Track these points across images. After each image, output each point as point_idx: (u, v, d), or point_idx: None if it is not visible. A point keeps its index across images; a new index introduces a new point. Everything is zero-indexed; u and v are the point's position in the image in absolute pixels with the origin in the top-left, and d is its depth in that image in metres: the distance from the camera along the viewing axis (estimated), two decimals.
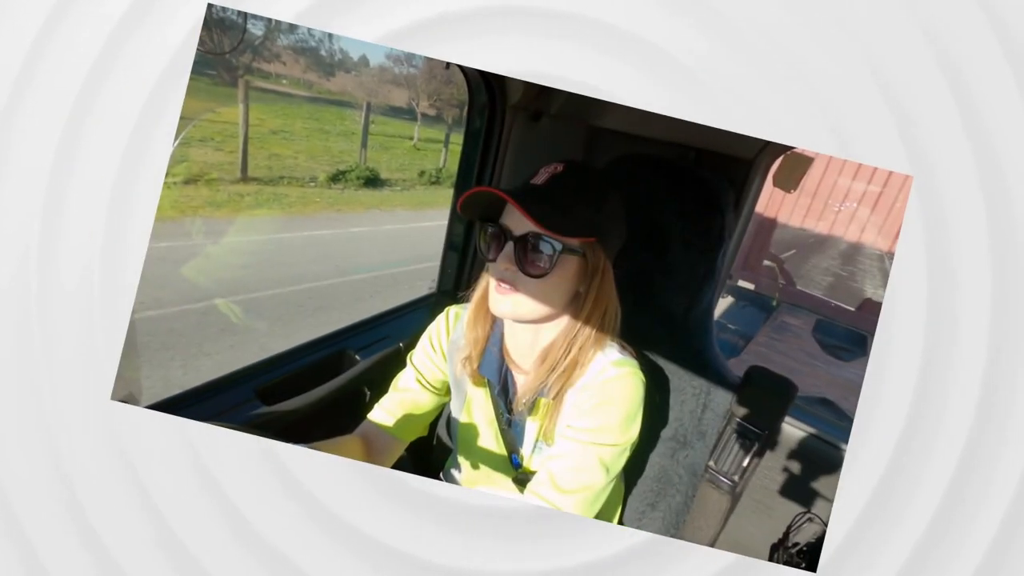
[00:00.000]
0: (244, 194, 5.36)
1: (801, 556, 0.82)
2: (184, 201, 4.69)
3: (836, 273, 7.53)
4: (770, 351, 3.52)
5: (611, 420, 0.64)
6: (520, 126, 1.05)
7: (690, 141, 1.05)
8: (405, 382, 0.77)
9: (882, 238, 7.84)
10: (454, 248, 1.16)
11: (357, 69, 14.10)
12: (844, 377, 3.26)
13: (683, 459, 0.83)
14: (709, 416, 0.82)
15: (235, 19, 0.61)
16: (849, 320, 4.30)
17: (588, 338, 0.66)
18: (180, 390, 0.75)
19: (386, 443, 0.74)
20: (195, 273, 3.32)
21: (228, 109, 6.21)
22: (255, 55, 10.17)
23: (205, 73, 6.34)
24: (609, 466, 0.64)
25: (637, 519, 0.86)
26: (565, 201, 0.62)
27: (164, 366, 2.37)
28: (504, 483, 0.75)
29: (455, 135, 9.29)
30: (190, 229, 4.18)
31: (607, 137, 1.17)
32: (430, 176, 7.95)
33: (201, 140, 6.07)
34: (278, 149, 6.99)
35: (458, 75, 1.03)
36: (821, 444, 1.15)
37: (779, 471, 1.19)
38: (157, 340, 2.52)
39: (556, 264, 0.61)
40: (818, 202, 7.56)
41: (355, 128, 8.01)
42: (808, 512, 0.88)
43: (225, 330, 2.75)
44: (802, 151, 1.20)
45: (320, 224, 5.04)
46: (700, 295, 0.86)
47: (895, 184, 6.81)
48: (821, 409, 2.32)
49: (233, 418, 0.75)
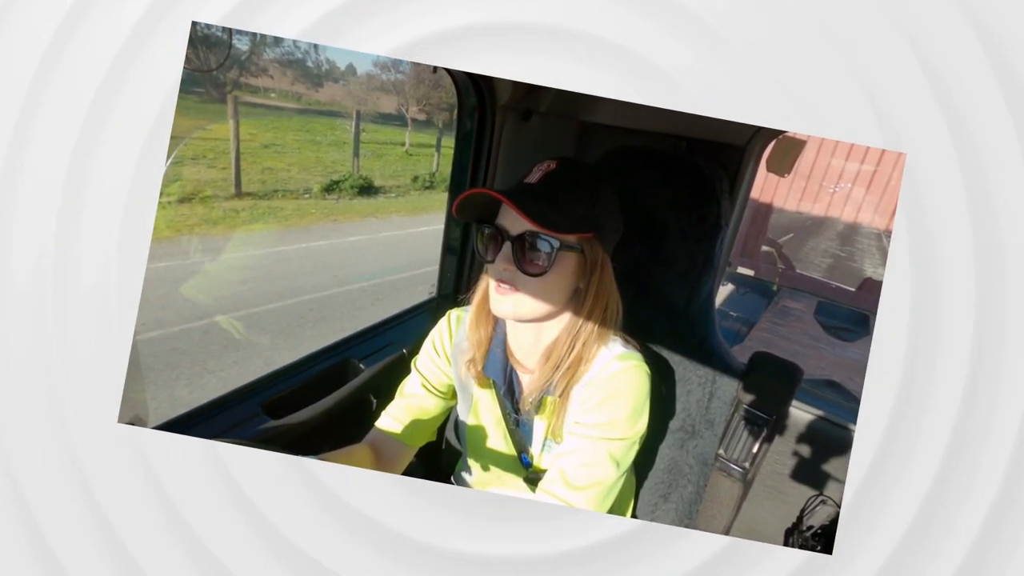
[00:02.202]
0: (239, 210, 5.36)
1: (816, 539, 0.82)
2: (180, 220, 4.69)
3: (835, 254, 7.52)
4: (773, 336, 3.52)
5: (619, 414, 0.64)
6: (511, 126, 1.05)
7: (681, 131, 1.05)
8: (411, 388, 0.77)
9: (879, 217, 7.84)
10: (452, 251, 1.16)
11: (345, 78, 14.11)
12: (849, 358, 3.26)
13: (693, 449, 0.83)
14: (716, 404, 0.82)
15: (220, 35, 0.61)
16: (850, 300, 4.30)
17: (591, 333, 0.66)
18: (187, 409, 0.75)
19: (395, 450, 0.74)
20: (195, 291, 3.32)
21: (218, 126, 6.21)
22: (242, 70, 10.18)
23: (193, 91, 6.35)
24: (619, 460, 0.64)
25: (650, 512, 0.86)
26: (560, 198, 0.62)
27: (169, 386, 2.37)
28: (515, 483, 0.75)
29: (446, 138, 9.28)
30: (187, 248, 4.17)
31: (598, 132, 1.17)
32: (424, 181, 7.95)
33: (193, 158, 6.06)
34: (271, 163, 6.99)
35: (446, 78, 1.03)
36: (830, 426, 1.15)
37: (789, 455, 1.19)
38: (161, 360, 2.52)
39: (555, 262, 0.61)
40: (813, 184, 7.55)
41: (346, 137, 8.01)
42: (821, 494, 0.88)
43: (228, 346, 2.75)
44: (794, 135, 1.20)
45: (317, 235, 5.04)
46: (700, 284, 0.86)
47: (888, 162, 6.80)
48: (828, 391, 2.32)
49: (241, 434, 0.75)
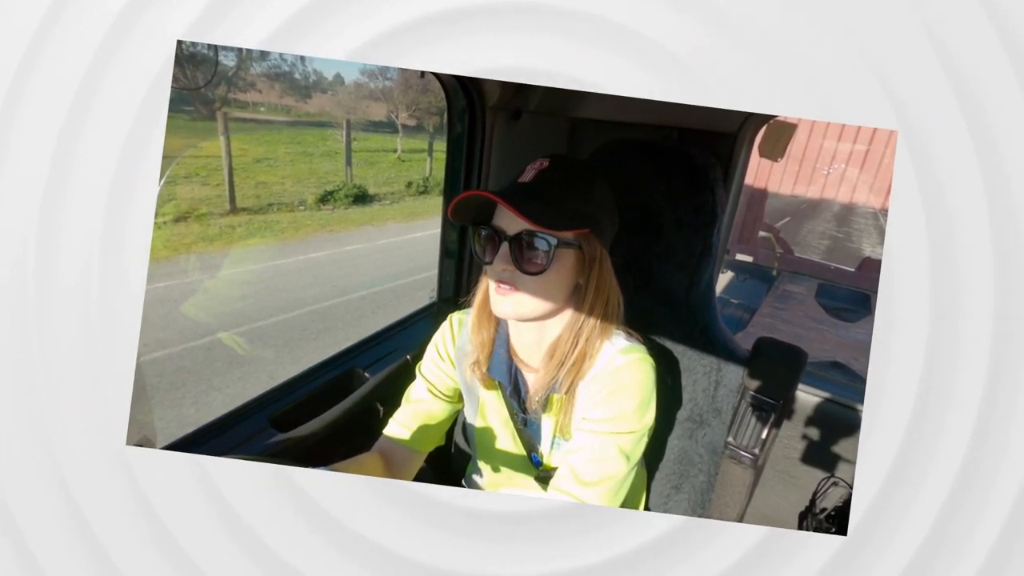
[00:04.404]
0: (235, 225, 5.36)
1: (830, 521, 0.82)
2: (176, 239, 4.69)
3: (832, 236, 7.52)
4: (776, 321, 3.52)
5: (626, 408, 0.64)
6: (501, 126, 1.05)
7: (671, 121, 1.05)
8: (417, 394, 0.77)
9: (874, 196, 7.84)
10: (450, 255, 1.16)
11: (333, 88, 14.10)
12: (852, 338, 3.26)
13: (702, 438, 0.83)
14: (723, 392, 0.82)
15: (206, 52, 0.61)
16: (850, 281, 4.29)
17: (593, 329, 0.66)
18: (194, 427, 0.75)
19: (405, 456, 0.74)
20: (196, 310, 3.32)
21: (209, 143, 6.21)
22: (230, 86, 10.17)
23: (182, 110, 6.34)
24: (629, 454, 0.64)
25: (663, 503, 0.86)
26: (554, 195, 0.62)
27: (176, 405, 2.37)
28: (526, 483, 0.75)
29: (438, 143, 9.28)
30: (186, 266, 4.17)
31: (589, 127, 1.17)
32: (418, 186, 7.95)
33: (186, 177, 6.06)
34: (264, 177, 6.99)
35: (434, 83, 1.03)
36: (837, 407, 1.15)
37: (799, 439, 1.19)
38: (166, 380, 2.52)
39: (553, 259, 0.61)
40: (806, 167, 7.55)
41: (338, 147, 8.01)
42: (832, 476, 0.88)
43: (232, 363, 2.75)
44: (784, 119, 1.20)
45: (314, 247, 5.04)
46: (699, 273, 0.86)
47: (881, 140, 6.79)
48: (833, 372, 2.32)
49: (250, 449, 0.75)
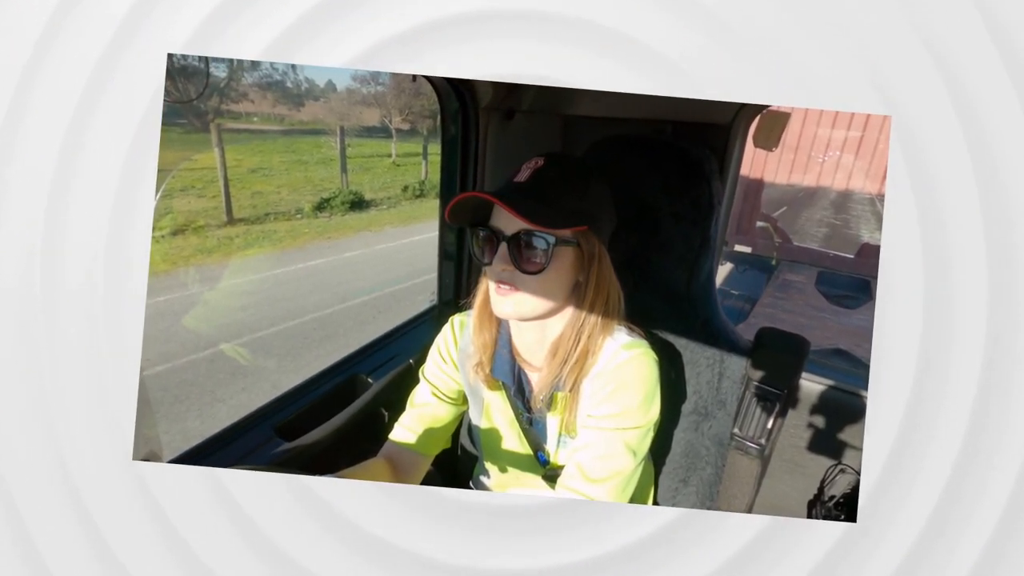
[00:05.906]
0: (233, 236, 5.36)
1: (839, 508, 0.82)
2: (175, 252, 4.69)
3: (830, 223, 7.52)
4: (777, 311, 3.51)
5: (630, 403, 0.64)
6: (495, 127, 1.05)
7: (664, 115, 1.05)
8: (421, 397, 0.77)
9: (870, 181, 7.84)
10: (449, 257, 1.16)
11: (325, 95, 14.11)
12: (854, 325, 3.26)
13: (707, 431, 0.83)
14: (727, 384, 0.82)
15: (197, 64, 0.61)
16: (850, 267, 4.29)
17: (595, 326, 0.66)
18: (200, 440, 0.75)
19: (411, 460, 0.74)
20: (197, 322, 3.32)
21: (204, 155, 6.21)
22: (223, 97, 10.18)
23: (176, 123, 6.34)
24: (635, 449, 0.64)
25: (671, 497, 0.86)
26: (550, 194, 0.62)
27: (181, 418, 2.37)
28: (534, 482, 0.75)
29: (432, 145, 9.28)
30: (185, 279, 4.18)
31: (582, 124, 1.17)
32: (414, 190, 7.95)
33: (182, 189, 6.07)
34: (260, 186, 6.99)
35: (426, 86, 1.03)
36: (841, 394, 1.15)
37: (804, 428, 1.19)
38: (170, 394, 2.52)
39: (552, 258, 0.61)
40: (801, 156, 7.54)
41: (332, 154, 8.01)
42: (839, 463, 0.88)
43: (235, 373, 2.76)
44: (778, 108, 1.20)
45: (313, 254, 5.04)
46: (699, 266, 0.86)
47: (874, 126, 6.79)
48: (836, 360, 2.32)
49: (256, 459, 0.75)
